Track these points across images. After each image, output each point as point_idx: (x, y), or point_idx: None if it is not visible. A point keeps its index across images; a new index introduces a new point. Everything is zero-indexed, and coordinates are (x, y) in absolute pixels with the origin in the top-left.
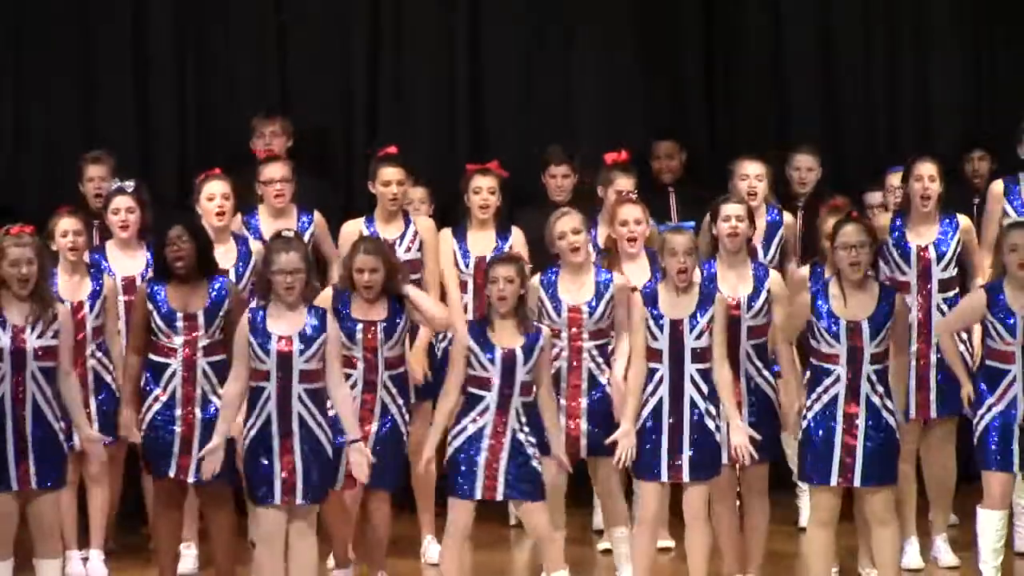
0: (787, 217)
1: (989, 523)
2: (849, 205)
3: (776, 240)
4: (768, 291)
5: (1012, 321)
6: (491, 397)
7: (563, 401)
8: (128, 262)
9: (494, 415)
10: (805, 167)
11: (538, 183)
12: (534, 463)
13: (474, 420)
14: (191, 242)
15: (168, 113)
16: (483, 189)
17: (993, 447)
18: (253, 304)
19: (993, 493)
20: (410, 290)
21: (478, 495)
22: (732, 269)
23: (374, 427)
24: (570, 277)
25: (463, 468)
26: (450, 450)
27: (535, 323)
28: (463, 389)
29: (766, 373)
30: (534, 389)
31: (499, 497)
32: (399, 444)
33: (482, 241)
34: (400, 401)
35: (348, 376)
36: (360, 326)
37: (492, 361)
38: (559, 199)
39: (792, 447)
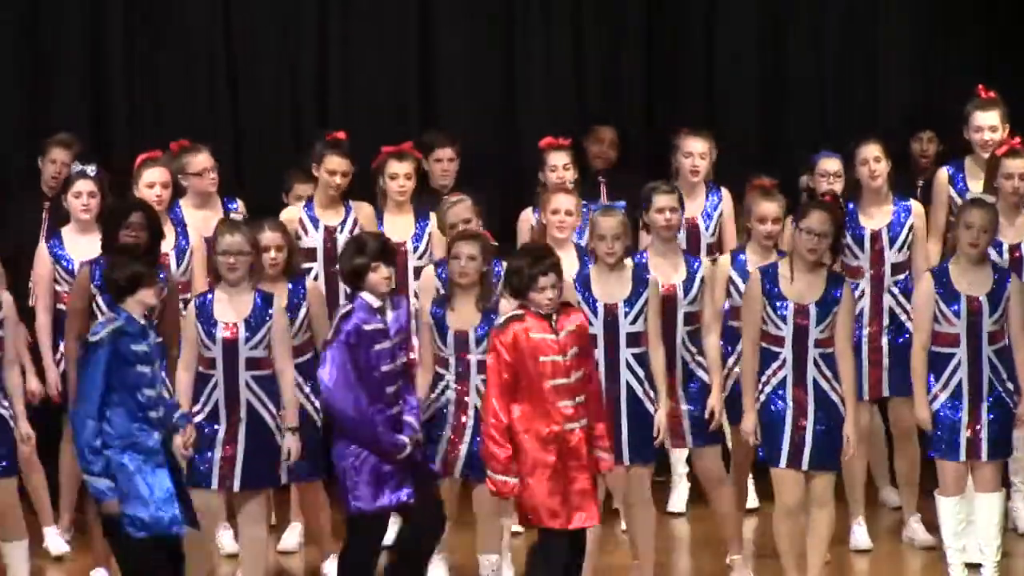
0: (726, 196)
1: (947, 509)
2: (776, 186)
3: (715, 218)
4: (701, 279)
5: (957, 304)
6: (449, 376)
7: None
8: (85, 247)
9: (455, 392)
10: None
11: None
12: None
13: (436, 398)
14: (146, 232)
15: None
16: (399, 175)
17: (940, 434)
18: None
19: (947, 480)
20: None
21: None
22: (665, 257)
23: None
24: None
25: (432, 444)
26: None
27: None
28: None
29: (700, 359)
30: None
31: (456, 475)
32: (312, 431)
33: (400, 226)
34: (306, 389)
35: None
36: None
37: (445, 342)
38: (444, 183)
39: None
